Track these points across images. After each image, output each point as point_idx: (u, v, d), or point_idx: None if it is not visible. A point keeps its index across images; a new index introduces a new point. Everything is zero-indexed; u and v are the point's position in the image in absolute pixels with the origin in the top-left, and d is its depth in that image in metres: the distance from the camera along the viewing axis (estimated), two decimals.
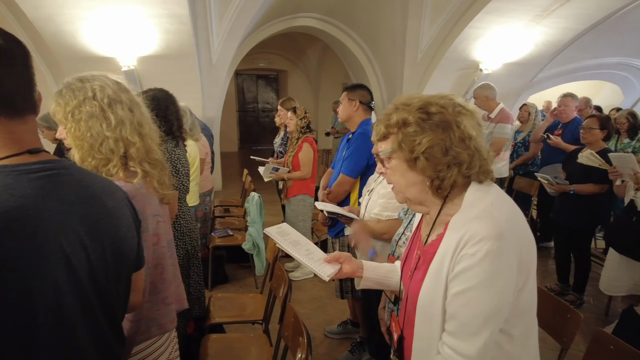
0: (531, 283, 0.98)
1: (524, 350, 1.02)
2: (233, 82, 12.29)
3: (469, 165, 0.97)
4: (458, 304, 0.93)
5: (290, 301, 3.45)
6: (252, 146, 12.97)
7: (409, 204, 1.09)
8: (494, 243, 0.89)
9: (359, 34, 7.64)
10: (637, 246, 2.80)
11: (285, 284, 2.11)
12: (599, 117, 3.29)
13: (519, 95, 7.72)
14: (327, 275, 1.22)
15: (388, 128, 1.02)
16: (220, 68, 6.32)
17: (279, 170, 3.74)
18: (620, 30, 6.72)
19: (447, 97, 1.02)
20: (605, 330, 1.69)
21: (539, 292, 2.00)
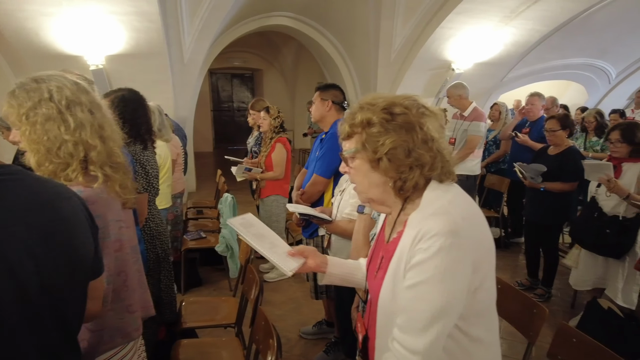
0: (489, 283, 0.99)
1: (485, 350, 1.02)
2: (207, 81, 12.12)
3: (431, 167, 0.97)
4: (408, 298, 0.93)
5: (265, 303, 3.49)
6: (228, 146, 12.82)
7: (372, 204, 1.09)
8: (447, 239, 0.89)
9: (333, 34, 7.65)
10: (598, 241, 2.90)
11: (256, 287, 2.09)
12: (559, 118, 3.39)
13: (490, 95, 7.90)
14: (290, 269, 1.19)
15: (352, 127, 1.02)
16: (193, 67, 6.21)
17: (252, 170, 3.70)
18: (584, 32, 6.96)
19: (412, 98, 1.02)
20: (569, 324, 1.74)
21: (507, 288, 2.06)
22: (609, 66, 8.52)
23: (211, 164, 10.33)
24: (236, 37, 7.59)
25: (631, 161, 2.88)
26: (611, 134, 2.95)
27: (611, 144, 2.91)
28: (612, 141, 2.90)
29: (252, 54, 12.29)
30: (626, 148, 2.86)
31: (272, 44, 11.47)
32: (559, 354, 1.70)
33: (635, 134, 2.83)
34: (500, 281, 2.11)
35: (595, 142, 4.41)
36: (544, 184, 3.38)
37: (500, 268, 4.31)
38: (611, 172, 2.83)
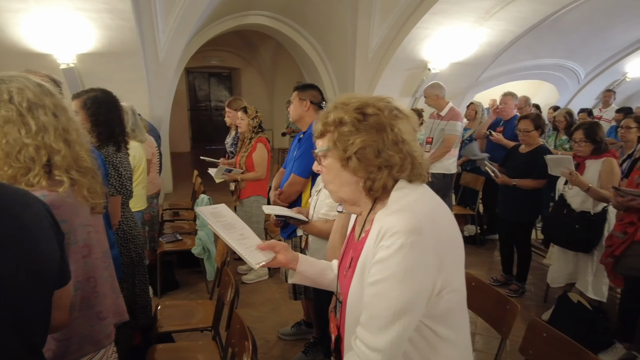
0: (457, 282, 0.99)
1: (454, 349, 1.02)
2: (183, 80, 11.94)
3: (400, 169, 0.98)
4: (370, 295, 0.93)
5: (243, 305, 3.47)
6: (206, 145, 12.66)
7: (344, 204, 1.10)
8: (409, 237, 0.89)
9: (310, 33, 7.64)
10: (569, 237, 3.00)
11: (232, 289, 2.07)
12: (532, 119, 3.48)
13: (465, 94, 8.04)
14: (257, 262, 1.17)
15: (325, 126, 1.03)
16: (168, 66, 6.10)
17: (232, 171, 3.66)
18: (554, 34, 7.17)
19: (385, 100, 1.03)
20: (542, 318, 1.78)
21: (481, 285, 2.10)
22: (578, 67, 8.79)
23: (188, 164, 10.17)
24: (213, 35, 7.50)
25: (593, 158, 2.99)
26: (575, 133, 3.06)
27: (575, 143, 3.01)
28: (576, 140, 3.00)
29: (229, 52, 12.17)
30: (589, 147, 2.97)
31: (250, 43, 11.38)
32: (530, 348, 1.74)
33: (596, 133, 2.95)
34: (474, 278, 2.15)
35: (565, 141, 4.56)
36: (515, 180, 3.47)
37: (477, 264, 4.40)
38: (572, 165, 2.93)
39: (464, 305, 1.06)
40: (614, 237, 2.70)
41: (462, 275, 1.03)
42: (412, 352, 0.98)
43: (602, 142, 2.98)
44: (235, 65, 12.65)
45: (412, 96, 7.35)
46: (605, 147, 3.00)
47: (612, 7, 6.68)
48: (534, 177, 3.41)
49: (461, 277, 1.03)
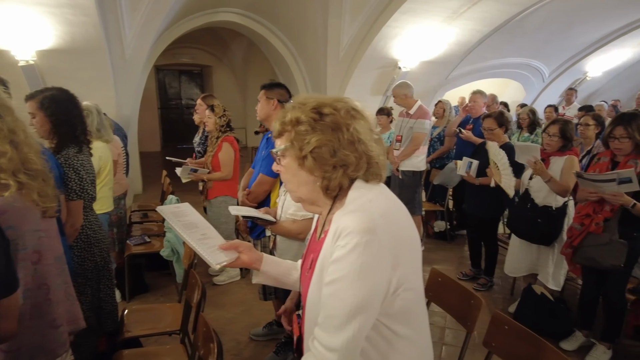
0: (413, 280, 1.00)
1: (412, 347, 1.03)
2: (153, 78, 11.68)
3: (355, 168, 0.99)
4: (326, 294, 0.93)
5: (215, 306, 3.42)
6: (177, 144, 12.41)
7: (303, 204, 1.10)
8: (363, 236, 0.89)
9: (282, 31, 7.60)
10: (531, 230, 3.10)
11: (199, 291, 2.04)
12: (495, 117, 3.57)
13: (435, 92, 8.18)
14: (217, 262, 1.16)
15: (283, 125, 1.03)
16: (135, 63, 5.94)
17: (198, 171, 3.60)
18: (519, 34, 7.38)
19: (343, 100, 1.04)
20: (509, 310, 1.83)
21: (447, 281, 2.14)
22: (542, 66, 9.09)
23: (158, 164, 9.94)
24: (182, 32, 7.35)
25: (558, 155, 3.09)
26: (550, 127, 3.13)
27: (548, 137, 3.10)
28: (550, 134, 3.08)
29: (200, 50, 11.98)
30: (559, 143, 3.07)
31: (221, 40, 11.23)
32: (493, 341, 1.78)
33: (569, 131, 3.05)
34: (440, 274, 2.19)
35: (527, 138, 4.71)
36: (480, 179, 3.57)
37: (447, 260, 4.49)
38: (538, 154, 3.03)
39: (422, 302, 1.08)
40: (573, 228, 2.81)
41: (418, 273, 1.05)
42: (370, 350, 0.98)
43: (571, 141, 3.08)
44: (206, 63, 12.45)
45: (384, 94, 7.42)
46: (571, 146, 3.11)
47: (571, 9, 6.93)
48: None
49: (417, 275, 1.04)
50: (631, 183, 2.45)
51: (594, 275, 2.78)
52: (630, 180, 2.45)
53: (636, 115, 2.60)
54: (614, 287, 2.69)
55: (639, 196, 2.51)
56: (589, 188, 2.67)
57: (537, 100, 9.83)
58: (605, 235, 2.59)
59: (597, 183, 2.59)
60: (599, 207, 2.66)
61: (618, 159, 2.65)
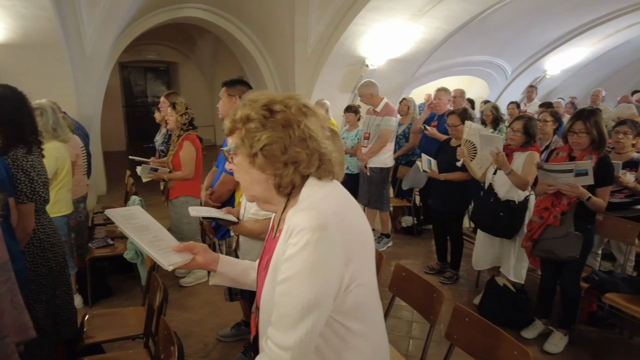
0: (365, 276, 1.01)
1: (366, 343, 1.04)
2: (117, 75, 11.35)
3: (307, 165, 0.99)
4: (279, 293, 0.94)
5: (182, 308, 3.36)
6: (143, 143, 12.07)
7: (257, 203, 1.09)
8: (314, 234, 0.90)
9: (249, 27, 7.51)
10: (494, 224, 3.19)
11: (160, 294, 1.99)
12: (458, 113, 3.65)
13: (403, 89, 8.30)
14: (170, 263, 1.14)
15: (233, 123, 1.02)
16: (96, 60, 5.74)
17: (159, 170, 3.50)
18: (482, 32, 7.58)
19: (295, 97, 1.03)
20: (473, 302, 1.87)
21: (410, 276, 2.17)
22: (505, 63, 9.38)
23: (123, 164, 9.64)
24: (146, 28, 7.15)
25: (521, 150, 3.19)
26: (515, 122, 3.23)
27: (512, 132, 3.19)
28: (514, 130, 3.18)
29: (166, 46, 11.72)
30: (523, 138, 3.16)
31: (188, 36, 11.01)
32: (454, 333, 1.83)
33: (532, 127, 3.15)
34: (404, 269, 2.22)
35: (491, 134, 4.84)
36: (443, 175, 3.65)
37: (414, 254, 4.57)
38: (501, 145, 3.12)
39: (375, 298, 1.09)
40: (532, 222, 2.91)
41: (371, 269, 1.06)
42: (324, 347, 0.98)
43: (533, 138, 3.19)
44: (173, 60, 12.20)
45: (352, 92, 7.46)
46: (533, 142, 3.22)
47: (530, 10, 7.18)
48: (462, 169, 3.60)
49: (370, 271, 1.05)
50: (587, 176, 2.56)
51: (552, 266, 2.89)
52: (586, 173, 2.56)
53: (594, 112, 2.72)
54: (570, 276, 2.81)
55: (593, 191, 2.63)
56: (547, 180, 2.77)
57: (501, 97, 10.14)
58: (563, 228, 2.70)
59: (554, 174, 2.69)
60: (557, 201, 2.77)
61: (575, 153, 2.76)
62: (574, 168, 2.58)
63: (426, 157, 3.86)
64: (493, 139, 3.22)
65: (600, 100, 7.22)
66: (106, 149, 9.34)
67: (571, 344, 2.89)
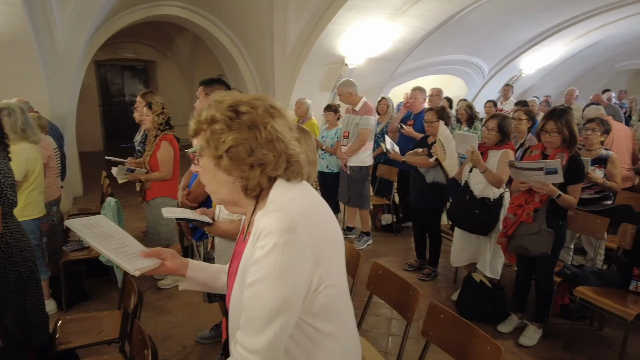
0: (335, 278, 1.01)
1: (337, 344, 1.04)
2: (93, 74, 11.08)
3: (274, 167, 0.98)
4: (247, 297, 0.93)
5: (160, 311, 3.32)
6: (121, 143, 11.82)
7: (226, 205, 1.08)
8: (282, 236, 0.89)
9: (228, 26, 7.44)
10: (470, 221, 3.24)
11: (135, 297, 1.96)
12: (436, 110, 3.71)
13: (382, 89, 8.35)
14: (136, 269, 1.12)
15: (198, 124, 1.00)
16: (69, 58, 5.59)
17: (135, 171, 3.44)
18: (459, 32, 7.69)
19: (262, 98, 1.02)
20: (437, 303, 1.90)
21: (387, 274, 2.19)
22: (482, 62, 9.54)
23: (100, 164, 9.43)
24: (122, 26, 7.00)
25: (496, 148, 3.25)
26: (489, 121, 3.28)
27: (487, 130, 3.25)
28: (489, 128, 3.23)
29: (144, 44, 11.51)
30: (497, 137, 3.23)
31: (166, 34, 10.84)
32: (430, 330, 1.85)
33: (506, 126, 3.21)
34: (381, 267, 2.24)
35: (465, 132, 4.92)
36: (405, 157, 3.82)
37: (394, 251, 4.61)
38: (476, 143, 3.17)
39: (345, 298, 1.09)
40: (507, 219, 2.97)
41: (341, 269, 1.06)
42: (295, 350, 0.98)
43: (508, 136, 3.25)
44: (150, 58, 11.98)
45: (332, 91, 7.47)
46: (508, 140, 3.28)
47: (506, 10, 7.33)
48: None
49: (340, 271, 1.05)
50: (556, 174, 2.63)
51: (527, 261, 2.96)
52: (556, 171, 2.63)
53: (566, 110, 2.78)
54: (543, 271, 2.88)
55: (564, 188, 2.71)
56: (519, 178, 2.83)
57: (479, 96, 10.31)
58: (535, 224, 2.77)
59: (526, 172, 2.75)
60: (530, 198, 2.83)
61: (548, 152, 2.83)
62: (544, 166, 2.65)
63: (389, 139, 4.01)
64: (467, 137, 3.27)
65: (574, 99, 7.41)
66: (82, 149, 9.12)
67: (545, 336, 2.97)
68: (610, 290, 2.82)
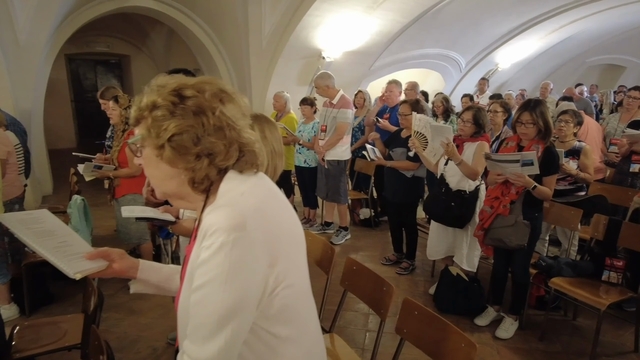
0: (294, 277, 0.94)
1: (297, 348, 0.96)
2: (63, 68, 10.70)
3: (224, 157, 0.89)
4: (193, 302, 0.84)
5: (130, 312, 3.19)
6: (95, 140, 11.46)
7: (171, 200, 0.98)
8: (230, 234, 0.80)
9: (202, 18, 7.25)
10: (446, 214, 3.22)
11: (95, 299, 1.85)
12: (410, 103, 3.67)
13: (360, 82, 8.29)
14: (75, 271, 1.01)
15: (139, 111, 0.89)
16: (32, 51, 5.33)
17: (103, 167, 3.30)
18: (436, 25, 7.69)
19: (210, 82, 0.92)
20: (411, 299, 1.85)
21: (361, 270, 2.13)
22: (459, 56, 9.58)
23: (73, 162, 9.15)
24: (91, 18, 6.73)
25: (471, 140, 3.24)
26: (464, 113, 3.27)
27: (462, 123, 3.23)
28: (464, 120, 3.21)
29: (117, 38, 11.17)
30: (472, 129, 3.21)
31: (139, 28, 10.53)
32: (404, 327, 1.81)
33: (481, 118, 3.19)
34: (355, 262, 2.19)
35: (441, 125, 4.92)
36: (390, 162, 3.71)
37: (371, 246, 4.58)
38: (451, 136, 3.15)
39: (306, 298, 1.01)
40: (483, 211, 2.96)
41: (301, 268, 0.99)
42: (250, 357, 0.90)
43: (483, 128, 3.23)
44: (124, 52, 11.65)
45: (310, 85, 7.38)
46: (483, 132, 3.27)
47: (481, 3, 7.35)
48: (410, 159, 3.63)
49: (300, 270, 0.98)
50: (532, 166, 2.63)
51: (503, 254, 2.95)
52: (532, 163, 2.62)
53: (540, 102, 2.78)
54: (519, 264, 2.88)
55: (539, 180, 2.70)
56: (496, 170, 2.82)
57: (456, 90, 10.36)
58: (512, 216, 2.76)
59: (502, 164, 2.74)
60: (506, 190, 2.82)
61: (523, 143, 2.82)
62: (520, 158, 2.64)
63: (370, 146, 3.92)
64: (443, 129, 3.25)
65: (548, 92, 7.52)
66: (54, 146, 8.80)
67: (521, 328, 2.98)
68: (584, 280, 2.84)
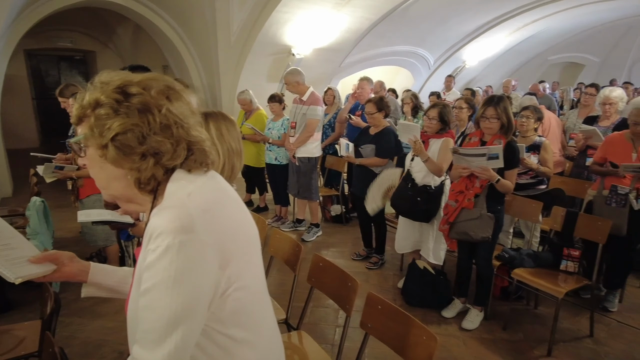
0: (248, 279, 0.93)
1: (252, 351, 0.96)
2: (22, 64, 10.26)
3: (172, 156, 0.87)
4: (141, 307, 0.82)
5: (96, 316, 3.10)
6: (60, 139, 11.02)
7: (119, 202, 0.96)
8: (176, 237, 0.79)
9: (169, 14, 7.09)
10: (412, 208, 3.28)
11: (51, 304, 1.79)
12: (375, 101, 3.71)
13: (330, 79, 8.32)
14: (17, 276, 0.97)
15: (81, 110, 0.86)
16: None
17: (65, 168, 3.19)
18: (405, 23, 7.79)
19: (157, 78, 0.90)
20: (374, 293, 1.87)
21: (328, 266, 2.14)
22: (427, 54, 9.74)
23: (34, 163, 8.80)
24: (50, 11, 6.46)
25: (437, 137, 3.30)
26: (430, 110, 3.32)
27: (428, 120, 3.28)
28: (430, 117, 3.27)
29: (81, 33, 10.77)
30: (438, 126, 3.27)
31: (105, 23, 10.19)
32: (369, 322, 1.83)
33: (447, 115, 3.25)
34: (322, 259, 2.19)
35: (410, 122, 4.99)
36: (359, 160, 3.75)
37: (342, 242, 4.61)
38: (418, 133, 3.20)
39: (260, 300, 1.01)
40: (448, 205, 3.02)
41: (255, 269, 0.98)
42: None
43: (448, 124, 3.30)
44: (89, 48, 11.25)
45: (280, 81, 7.35)
46: (448, 129, 3.34)
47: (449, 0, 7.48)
48: (378, 155, 3.67)
49: (254, 271, 0.97)
50: (498, 159, 2.70)
51: (467, 247, 3.03)
52: (497, 157, 2.70)
53: (503, 98, 2.86)
54: (483, 256, 2.96)
55: (501, 173, 2.78)
56: (462, 164, 2.88)
57: (424, 87, 10.54)
58: (476, 210, 2.83)
59: (469, 158, 2.80)
60: (470, 184, 2.89)
61: (486, 138, 2.89)
62: (487, 152, 2.71)
63: (344, 141, 3.92)
64: (410, 127, 3.30)
65: (511, 89, 7.74)
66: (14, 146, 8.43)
67: (486, 318, 3.07)
68: (544, 270, 2.94)
